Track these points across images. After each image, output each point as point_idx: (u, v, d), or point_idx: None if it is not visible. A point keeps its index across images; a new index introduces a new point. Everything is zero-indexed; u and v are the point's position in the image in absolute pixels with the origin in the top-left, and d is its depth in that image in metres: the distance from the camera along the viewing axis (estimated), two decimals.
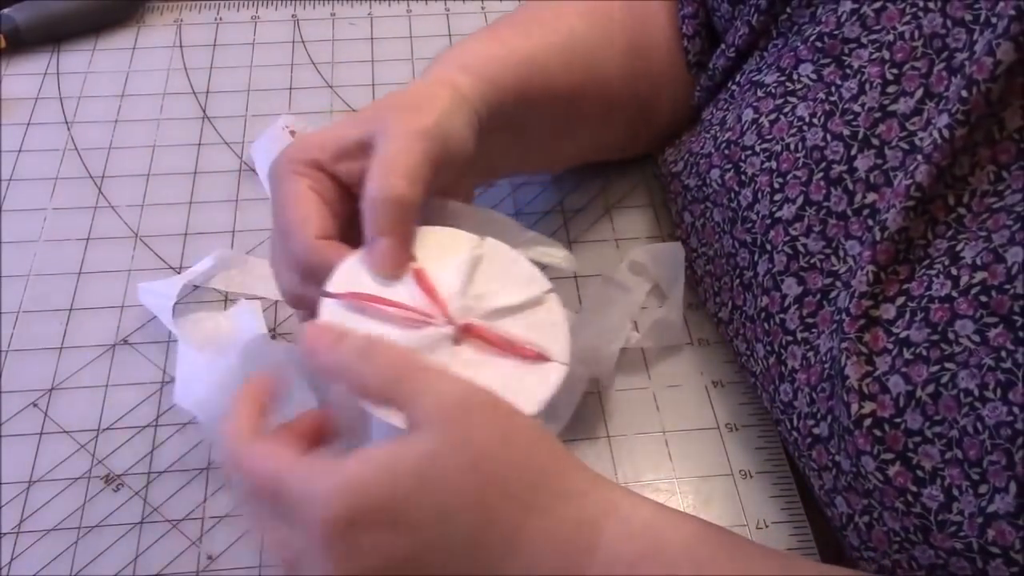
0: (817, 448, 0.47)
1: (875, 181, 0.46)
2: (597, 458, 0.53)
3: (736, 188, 0.51)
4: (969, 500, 0.40)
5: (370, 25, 0.78)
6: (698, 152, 0.55)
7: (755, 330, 0.51)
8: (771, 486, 0.52)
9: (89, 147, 0.68)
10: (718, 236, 0.53)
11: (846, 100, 0.48)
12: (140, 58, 0.75)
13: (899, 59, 0.47)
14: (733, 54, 0.57)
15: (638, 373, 0.56)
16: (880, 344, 0.44)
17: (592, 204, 0.65)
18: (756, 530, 0.50)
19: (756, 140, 0.51)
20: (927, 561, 0.42)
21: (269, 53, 0.75)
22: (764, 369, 0.51)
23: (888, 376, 0.43)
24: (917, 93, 0.46)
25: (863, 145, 0.47)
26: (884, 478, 0.42)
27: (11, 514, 0.50)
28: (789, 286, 0.49)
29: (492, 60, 0.52)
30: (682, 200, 0.57)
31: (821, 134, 0.48)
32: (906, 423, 0.42)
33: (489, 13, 0.79)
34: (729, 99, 0.56)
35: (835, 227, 0.47)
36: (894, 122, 0.46)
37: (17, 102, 0.71)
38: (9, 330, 0.57)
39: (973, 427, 0.39)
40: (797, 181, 0.49)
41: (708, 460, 0.53)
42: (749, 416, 0.55)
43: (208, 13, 0.79)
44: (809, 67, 0.50)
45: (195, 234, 0.63)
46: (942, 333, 0.41)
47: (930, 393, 0.41)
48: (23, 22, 0.73)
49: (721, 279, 0.54)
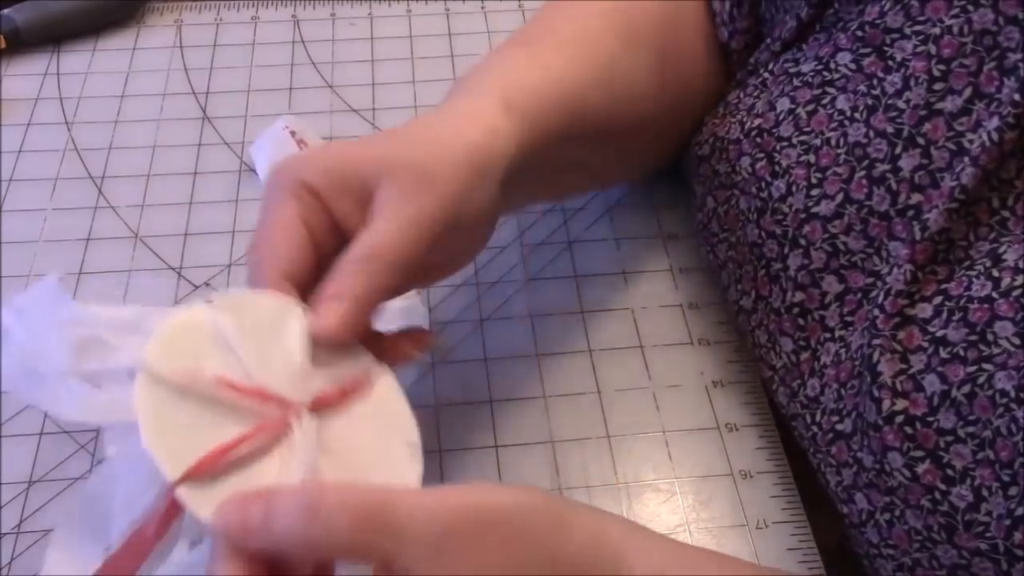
0: (838, 444, 0.46)
1: (920, 182, 0.45)
2: (597, 458, 0.53)
3: (768, 178, 0.50)
4: (998, 502, 0.39)
5: (370, 25, 0.78)
6: (724, 137, 0.54)
7: (781, 324, 0.50)
8: (771, 486, 0.52)
9: (89, 147, 0.68)
10: (742, 224, 0.52)
11: (890, 95, 0.47)
12: (140, 58, 0.75)
13: (946, 55, 0.45)
14: (778, 47, 0.55)
15: (638, 373, 0.56)
16: (915, 342, 0.43)
17: (592, 204, 0.65)
18: (756, 530, 0.50)
19: (793, 131, 0.50)
20: (949, 561, 0.41)
21: (269, 53, 0.75)
22: (791, 364, 0.50)
23: (924, 375, 0.42)
24: (966, 92, 0.45)
25: (908, 144, 0.46)
26: (911, 475, 0.42)
27: (11, 514, 0.50)
28: (830, 283, 0.48)
29: (536, 97, 0.48)
30: (709, 184, 0.56)
31: (864, 130, 0.47)
32: (939, 422, 0.41)
33: (489, 13, 0.79)
34: (760, 86, 0.54)
35: (877, 227, 0.47)
36: (941, 121, 0.45)
37: (17, 102, 0.71)
38: None
39: (1007, 428, 0.39)
40: (837, 178, 0.48)
41: (708, 460, 0.53)
42: (749, 416, 0.55)
43: (208, 13, 0.79)
44: (848, 56, 0.49)
45: (195, 234, 0.63)
46: (980, 334, 0.41)
47: (966, 393, 0.41)
48: (23, 22, 0.73)
49: (743, 267, 0.53)
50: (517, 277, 0.61)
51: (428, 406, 0.54)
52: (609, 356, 0.57)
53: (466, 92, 0.49)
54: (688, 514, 0.51)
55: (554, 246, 0.63)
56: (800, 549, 0.49)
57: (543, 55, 0.52)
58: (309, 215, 0.43)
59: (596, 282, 0.61)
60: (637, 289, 0.61)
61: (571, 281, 0.61)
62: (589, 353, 0.57)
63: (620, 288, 0.61)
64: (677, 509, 0.51)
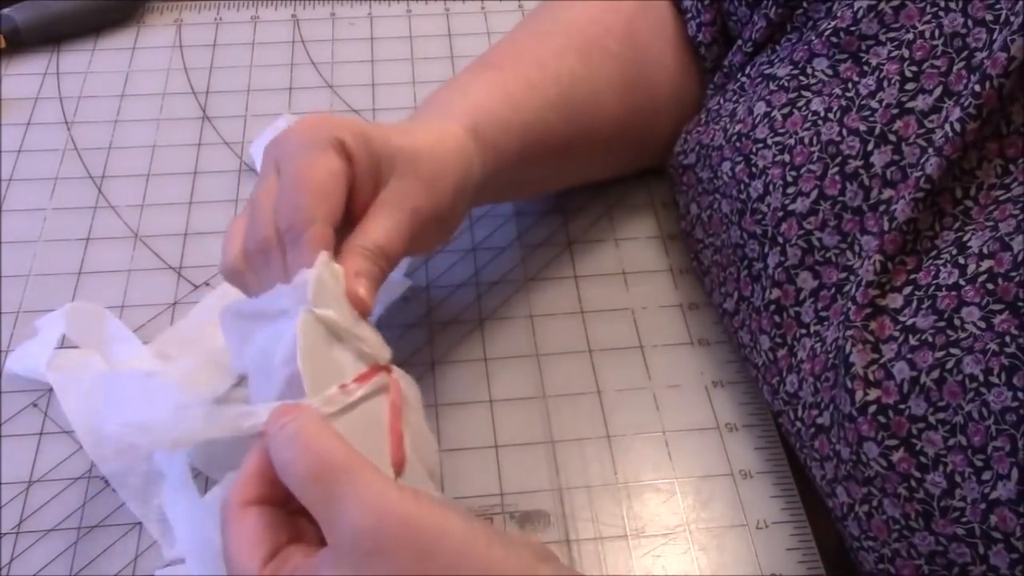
0: (820, 438, 0.47)
1: (892, 177, 0.46)
2: (597, 458, 0.53)
3: (746, 180, 0.51)
4: (972, 487, 0.40)
5: (370, 25, 0.78)
6: (708, 144, 0.55)
7: (761, 322, 0.51)
8: (771, 486, 0.52)
9: (89, 147, 0.68)
10: (725, 227, 0.53)
11: (863, 96, 0.48)
12: (140, 58, 0.75)
13: (918, 57, 0.47)
14: (750, 48, 0.57)
15: (638, 373, 0.56)
16: (886, 332, 0.44)
17: (592, 204, 0.65)
18: (756, 530, 0.50)
19: (768, 133, 0.51)
20: (927, 548, 0.42)
21: (269, 53, 0.75)
22: (769, 361, 0.51)
23: (893, 363, 0.43)
24: (936, 91, 0.46)
25: (880, 141, 0.47)
26: (887, 464, 0.42)
27: (11, 514, 0.50)
28: (804, 280, 0.49)
29: (500, 125, 0.53)
30: (692, 192, 0.57)
31: (837, 129, 0.48)
32: (910, 409, 0.42)
33: (489, 13, 0.79)
34: (739, 91, 0.56)
35: (850, 222, 0.47)
36: (912, 119, 0.46)
37: (17, 102, 0.71)
38: (9, 330, 0.57)
39: (978, 412, 0.40)
40: (811, 175, 0.49)
41: (708, 460, 0.53)
42: (749, 416, 0.55)
43: (208, 13, 0.79)
44: (824, 62, 0.50)
45: (195, 234, 0.63)
46: (948, 320, 0.42)
47: (935, 379, 0.41)
48: (23, 22, 0.73)
49: (727, 269, 0.54)
50: (517, 277, 0.61)
51: (428, 406, 0.54)
52: (609, 356, 0.57)
53: (437, 113, 0.52)
54: (688, 514, 0.51)
55: (554, 246, 0.63)
56: (800, 549, 0.49)
57: (507, 81, 0.55)
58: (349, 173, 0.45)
59: (596, 282, 0.61)
60: (637, 289, 0.61)
61: (571, 281, 0.61)
62: (589, 353, 0.57)
63: (620, 288, 0.61)
64: (677, 509, 0.51)
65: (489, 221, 0.64)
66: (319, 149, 0.43)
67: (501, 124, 0.53)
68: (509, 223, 0.64)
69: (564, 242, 0.63)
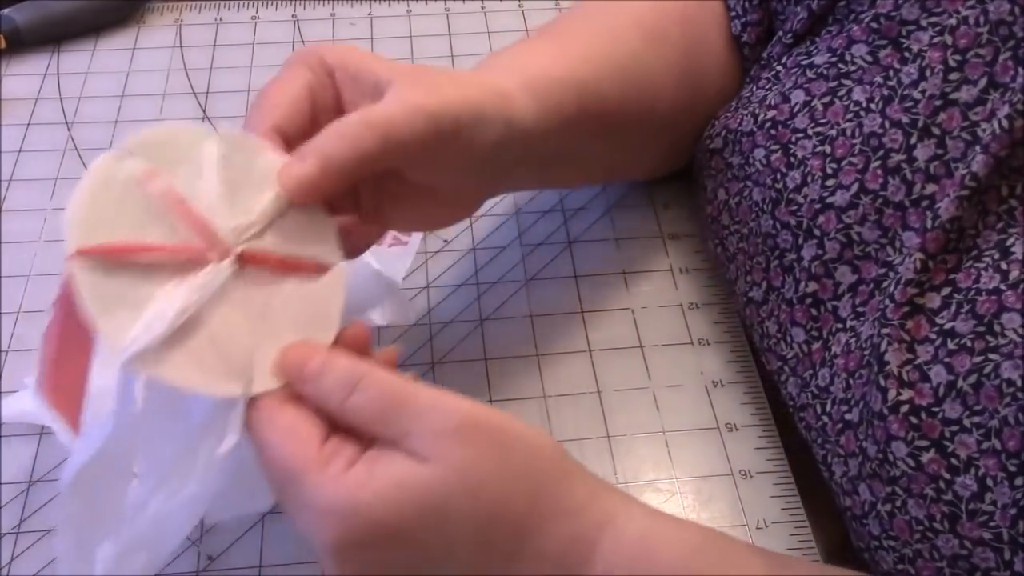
0: (847, 434, 0.46)
1: (935, 172, 0.46)
2: (597, 458, 0.53)
3: (783, 169, 0.51)
4: (1003, 491, 0.39)
5: (370, 25, 0.78)
6: (736, 129, 0.54)
7: (794, 314, 0.50)
8: (771, 486, 0.52)
9: (89, 147, 0.68)
10: (755, 215, 0.52)
11: (905, 86, 0.47)
12: (140, 58, 0.75)
13: (962, 45, 0.45)
14: (790, 40, 0.55)
15: (638, 373, 0.56)
16: (923, 333, 0.43)
17: (592, 204, 0.65)
18: (756, 530, 0.50)
19: (808, 123, 0.50)
20: (950, 551, 0.41)
21: (269, 53, 0.75)
22: (803, 354, 0.50)
23: (930, 365, 0.42)
24: (981, 82, 0.45)
25: (923, 134, 0.46)
26: (916, 464, 0.42)
27: (11, 514, 0.50)
28: (843, 274, 0.48)
29: (552, 81, 0.50)
30: (721, 177, 0.56)
31: (879, 120, 0.47)
32: (944, 412, 0.41)
33: (489, 13, 0.79)
34: (773, 79, 0.55)
35: (891, 217, 0.47)
36: (956, 111, 0.45)
37: (17, 102, 0.71)
38: (9, 330, 0.57)
39: (1014, 417, 0.39)
40: (852, 168, 0.48)
41: (708, 460, 0.53)
42: (749, 416, 0.55)
43: (208, 13, 0.79)
44: (864, 48, 0.49)
45: None
46: (988, 325, 0.41)
47: (972, 383, 0.41)
48: (23, 22, 0.73)
49: (755, 258, 0.53)
50: (517, 277, 0.61)
51: None
52: (609, 356, 0.57)
53: (486, 69, 0.51)
54: (688, 514, 0.51)
55: (554, 246, 0.63)
56: (800, 549, 0.49)
57: (564, 46, 0.53)
58: (317, 87, 0.44)
59: (596, 282, 0.61)
60: (637, 289, 0.61)
61: (571, 281, 0.61)
62: (589, 353, 0.57)
63: (620, 288, 0.61)
64: (677, 509, 0.51)
65: (489, 221, 0.64)
66: (287, 66, 0.45)
67: (552, 79, 0.50)
68: (509, 223, 0.64)
69: (564, 242, 0.63)
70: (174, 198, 0.38)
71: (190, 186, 0.39)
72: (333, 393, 0.38)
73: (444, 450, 0.37)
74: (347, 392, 0.38)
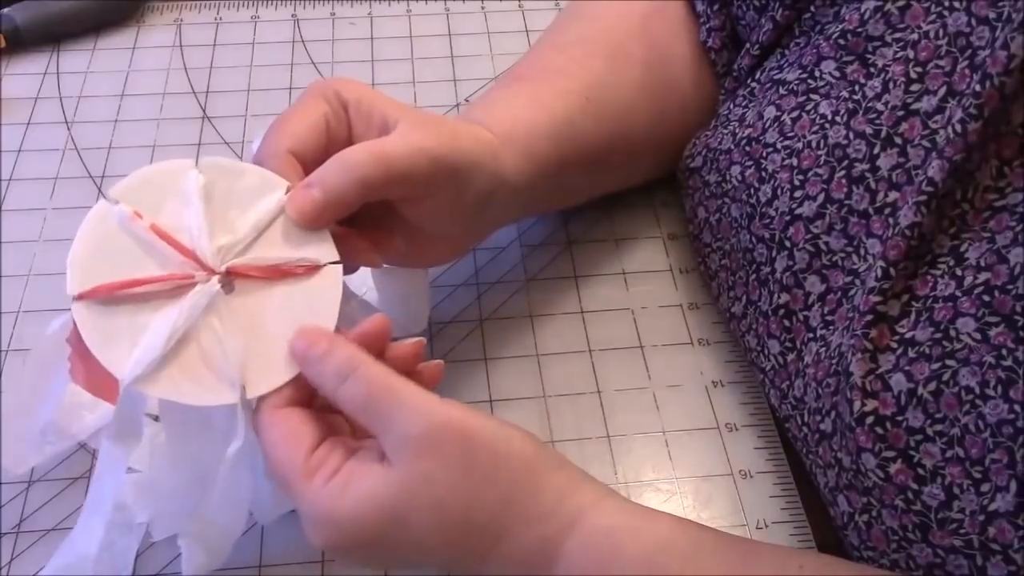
0: (823, 445, 0.47)
1: (897, 180, 0.46)
2: (597, 458, 0.53)
3: (756, 184, 0.51)
4: (970, 498, 0.40)
5: (370, 25, 0.78)
6: (716, 148, 0.55)
7: (769, 326, 0.51)
8: (771, 486, 0.52)
9: (89, 147, 0.68)
10: (735, 231, 0.53)
11: (869, 99, 0.48)
12: (140, 58, 0.75)
13: (923, 58, 0.46)
14: (757, 51, 0.57)
15: (638, 373, 0.56)
16: (884, 341, 0.44)
17: (592, 204, 0.65)
18: (756, 530, 0.50)
19: (778, 137, 0.51)
20: (925, 560, 0.42)
21: (269, 53, 0.75)
22: (778, 366, 0.50)
23: (891, 374, 0.43)
24: (940, 91, 0.45)
25: (886, 143, 0.47)
26: (884, 475, 0.42)
27: (11, 514, 0.50)
28: (812, 284, 0.49)
29: (531, 131, 0.53)
30: (699, 195, 0.57)
31: (844, 132, 0.48)
32: (907, 421, 0.42)
33: (489, 13, 0.79)
34: (749, 96, 0.56)
35: (856, 225, 0.47)
36: (917, 120, 0.46)
37: (17, 102, 0.71)
38: (9, 330, 0.57)
39: (975, 425, 0.40)
40: (818, 179, 0.48)
41: (708, 460, 0.53)
42: (749, 416, 0.55)
43: (208, 13, 0.79)
44: (832, 64, 0.50)
45: None
46: (944, 331, 0.42)
47: (931, 391, 0.41)
48: (23, 22, 0.73)
49: (736, 274, 0.54)
50: (517, 277, 0.61)
51: None
52: (609, 356, 0.57)
53: (469, 120, 0.53)
54: (688, 514, 0.51)
55: (554, 246, 0.63)
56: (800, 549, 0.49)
57: (535, 90, 0.56)
58: (332, 118, 0.47)
59: (596, 282, 0.61)
60: (637, 289, 0.61)
61: (571, 281, 0.61)
62: (589, 353, 0.57)
63: (620, 288, 0.61)
64: (677, 509, 0.51)
65: None
66: (306, 96, 0.47)
67: (533, 130, 0.53)
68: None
69: (564, 242, 0.63)
70: (160, 232, 0.42)
71: (177, 217, 0.43)
72: (330, 379, 0.40)
73: (409, 456, 0.39)
74: (341, 380, 0.40)
